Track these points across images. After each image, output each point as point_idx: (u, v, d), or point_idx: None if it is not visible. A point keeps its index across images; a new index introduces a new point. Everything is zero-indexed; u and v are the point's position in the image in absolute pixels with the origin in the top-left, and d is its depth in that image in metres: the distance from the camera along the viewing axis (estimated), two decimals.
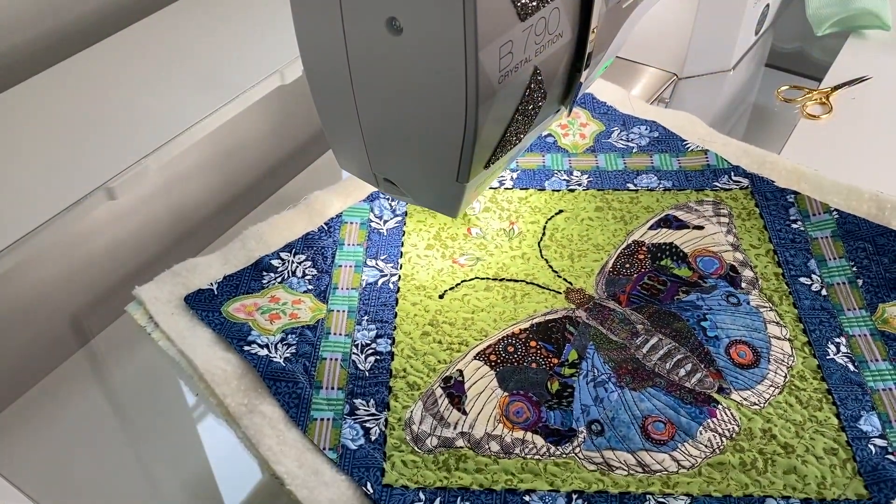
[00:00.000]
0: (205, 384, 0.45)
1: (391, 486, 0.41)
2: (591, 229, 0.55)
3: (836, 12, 0.73)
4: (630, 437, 0.43)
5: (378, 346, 0.48)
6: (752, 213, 0.55)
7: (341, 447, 0.43)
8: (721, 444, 0.43)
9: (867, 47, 0.73)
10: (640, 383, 0.46)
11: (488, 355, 0.47)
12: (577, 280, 0.51)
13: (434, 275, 0.52)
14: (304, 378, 0.46)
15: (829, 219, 0.54)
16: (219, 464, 0.44)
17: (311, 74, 0.42)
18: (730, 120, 0.69)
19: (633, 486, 0.41)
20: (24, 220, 0.48)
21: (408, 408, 0.45)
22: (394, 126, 0.40)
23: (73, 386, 0.47)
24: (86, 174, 0.51)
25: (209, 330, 0.48)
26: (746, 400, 0.45)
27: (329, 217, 0.55)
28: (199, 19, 0.64)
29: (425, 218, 0.55)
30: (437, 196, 0.44)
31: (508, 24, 0.34)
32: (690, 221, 0.55)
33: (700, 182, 0.58)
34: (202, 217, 0.60)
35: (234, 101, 0.57)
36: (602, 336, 0.48)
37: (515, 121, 0.39)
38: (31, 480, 0.42)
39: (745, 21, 0.69)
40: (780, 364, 0.47)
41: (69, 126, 0.54)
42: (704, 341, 0.48)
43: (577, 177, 0.59)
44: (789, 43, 0.77)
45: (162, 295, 0.49)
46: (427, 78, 0.36)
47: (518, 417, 0.44)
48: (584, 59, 0.40)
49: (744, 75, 0.73)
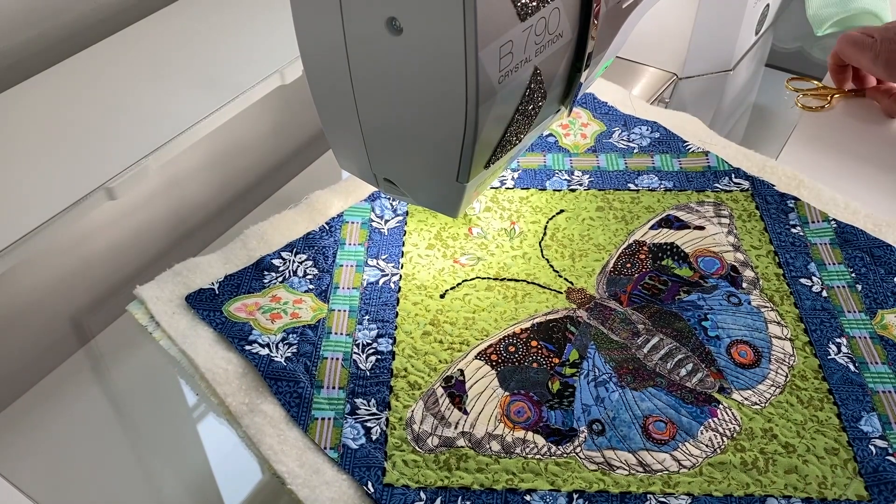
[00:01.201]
0: (206, 383, 0.46)
1: (392, 486, 0.41)
2: (592, 229, 0.55)
3: (836, 12, 0.73)
4: (631, 437, 0.43)
5: (379, 346, 0.48)
6: (753, 215, 0.55)
7: (342, 446, 0.43)
8: (722, 443, 0.43)
9: None
10: (641, 383, 0.46)
11: (489, 355, 0.47)
12: (578, 280, 0.51)
13: (435, 274, 0.52)
14: (305, 377, 0.46)
15: (828, 227, 0.54)
16: (220, 463, 0.44)
17: (311, 74, 0.41)
18: (730, 120, 0.69)
19: (633, 486, 0.41)
20: (24, 220, 0.48)
21: (409, 407, 0.45)
22: (394, 126, 0.40)
23: (73, 386, 0.47)
24: (86, 174, 0.51)
25: (210, 329, 0.48)
26: (747, 400, 0.45)
27: (330, 217, 0.55)
28: (199, 19, 0.64)
29: (426, 218, 0.55)
30: (438, 196, 0.44)
31: (508, 24, 0.34)
32: (691, 222, 0.55)
33: (701, 183, 0.58)
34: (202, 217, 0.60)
35: (234, 101, 0.57)
36: (603, 336, 0.48)
37: (515, 121, 0.39)
38: (31, 480, 0.42)
39: (745, 21, 0.69)
40: (781, 364, 0.47)
41: (69, 126, 0.54)
42: (705, 341, 0.48)
43: (578, 177, 0.59)
44: (789, 43, 0.77)
45: (163, 294, 0.50)
46: (427, 78, 0.36)
47: (519, 417, 0.44)
48: (584, 59, 0.40)
49: (744, 75, 0.73)
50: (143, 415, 0.47)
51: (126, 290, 0.50)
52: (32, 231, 0.47)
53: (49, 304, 0.52)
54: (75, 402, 0.46)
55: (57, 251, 0.53)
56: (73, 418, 0.46)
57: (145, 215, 0.57)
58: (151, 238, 0.57)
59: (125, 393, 0.48)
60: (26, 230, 0.47)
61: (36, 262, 0.51)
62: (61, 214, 0.49)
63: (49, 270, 0.52)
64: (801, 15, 0.76)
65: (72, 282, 0.53)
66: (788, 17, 0.80)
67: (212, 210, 0.61)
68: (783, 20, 0.80)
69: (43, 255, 0.52)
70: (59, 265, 0.53)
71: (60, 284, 0.53)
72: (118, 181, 0.51)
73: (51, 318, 0.52)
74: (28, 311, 0.51)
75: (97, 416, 0.46)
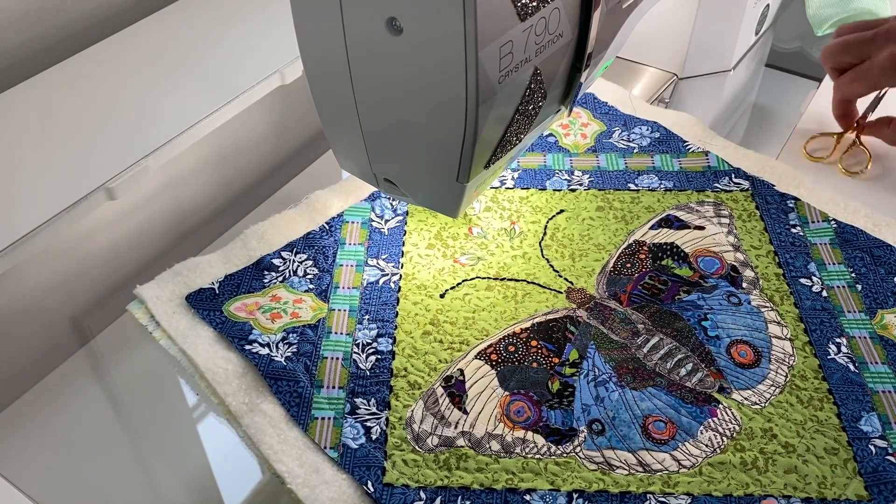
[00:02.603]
0: (206, 383, 0.46)
1: (392, 485, 0.41)
2: (592, 229, 0.55)
3: (836, 12, 0.73)
4: (631, 437, 0.43)
5: (379, 346, 0.48)
6: (753, 215, 0.55)
7: (342, 446, 0.43)
8: (722, 443, 0.43)
9: None
10: (640, 383, 0.46)
11: (489, 355, 0.47)
12: (578, 280, 0.51)
13: (435, 274, 0.52)
14: (305, 377, 0.46)
15: (828, 227, 0.54)
16: (220, 463, 0.44)
17: (311, 74, 0.41)
18: (730, 120, 0.69)
19: (633, 486, 0.41)
20: (24, 220, 0.48)
21: (409, 407, 0.45)
22: (394, 126, 0.40)
23: (73, 386, 0.47)
24: (86, 174, 0.51)
25: (210, 329, 0.48)
26: (747, 399, 0.45)
27: (330, 216, 0.55)
28: (199, 19, 0.64)
29: (426, 217, 0.56)
30: (438, 196, 0.44)
31: (508, 24, 0.34)
32: (691, 222, 0.55)
33: (701, 183, 0.58)
34: (202, 217, 0.60)
35: (234, 101, 0.57)
36: (603, 336, 0.48)
37: (515, 121, 0.39)
38: (31, 480, 0.42)
39: (745, 21, 0.69)
40: (780, 364, 0.47)
41: (69, 126, 0.54)
42: (705, 341, 0.48)
43: (578, 176, 0.59)
44: (789, 43, 0.77)
45: (163, 294, 0.50)
46: (427, 78, 0.36)
47: (519, 417, 0.44)
48: (584, 59, 0.40)
49: (744, 75, 0.73)
50: (144, 414, 0.47)
51: (126, 290, 0.50)
52: (32, 231, 0.47)
53: (49, 304, 0.52)
54: (75, 402, 0.47)
55: (57, 251, 0.53)
56: (73, 418, 0.46)
57: (145, 215, 0.57)
58: (151, 238, 0.57)
59: (125, 393, 0.48)
60: (26, 230, 0.47)
61: (36, 262, 0.51)
62: (61, 214, 0.49)
63: (49, 270, 0.52)
64: (801, 15, 0.76)
65: (72, 282, 0.53)
66: (788, 17, 0.80)
67: (212, 210, 0.61)
68: (783, 20, 0.80)
69: (43, 256, 0.52)
70: (59, 265, 0.53)
71: (60, 284, 0.53)
72: (118, 181, 0.51)
73: (51, 318, 0.52)
74: (28, 311, 0.51)
75: (97, 416, 0.46)
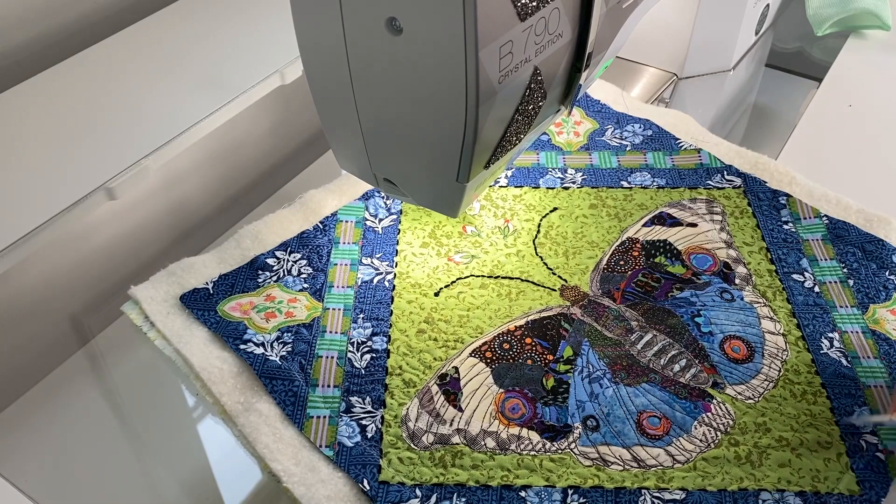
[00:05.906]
0: (201, 383, 0.46)
1: (388, 483, 0.42)
2: (585, 227, 0.55)
3: (836, 12, 0.73)
4: (625, 433, 0.44)
5: (374, 344, 0.48)
6: (745, 212, 0.56)
7: (338, 444, 0.43)
8: (716, 438, 0.43)
9: (867, 47, 0.73)
10: (634, 379, 0.46)
11: (484, 352, 0.48)
12: (571, 277, 0.52)
13: (429, 272, 0.52)
14: (300, 376, 0.46)
15: (820, 223, 0.54)
16: (216, 462, 0.44)
17: (311, 74, 0.42)
18: (730, 120, 0.69)
19: (628, 481, 0.42)
20: (24, 220, 0.48)
21: (404, 405, 0.45)
22: (394, 126, 0.40)
23: (73, 386, 0.47)
24: (86, 174, 0.51)
25: (205, 329, 0.48)
26: (741, 394, 0.45)
27: (324, 216, 0.55)
28: (199, 19, 0.65)
29: (420, 216, 0.56)
30: (438, 196, 0.44)
31: (508, 24, 0.34)
32: (684, 219, 0.55)
33: (693, 180, 0.58)
34: (202, 217, 0.60)
35: (234, 101, 0.57)
36: (597, 333, 0.49)
37: (515, 121, 0.39)
38: (31, 480, 0.42)
39: (745, 21, 0.70)
40: (774, 358, 0.47)
41: (69, 126, 0.54)
42: (699, 337, 0.48)
43: (571, 174, 0.59)
44: (789, 43, 0.77)
45: (158, 294, 0.50)
46: (427, 78, 0.36)
47: (514, 414, 0.45)
48: (584, 59, 0.40)
49: (744, 75, 0.73)
50: (142, 415, 0.47)
51: (125, 291, 0.50)
52: (32, 231, 0.48)
53: (49, 304, 0.52)
54: (75, 402, 0.47)
55: (57, 251, 0.53)
56: (73, 418, 0.46)
57: (145, 215, 0.58)
58: (151, 238, 0.58)
59: (125, 393, 0.48)
60: (26, 230, 0.48)
61: (36, 262, 0.52)
62: (61, 214, 0.49)
63: (49, 270, 0.53)
64: (801, 15, 0.76)
65: (72, 282, 0.54)
66: (788, 17, 0.81)
67: (212, 210, 0.61)
68: (783, 20, 0.80)
69: (43, 256, 0.52)
70: (59, 265, 0.53)
71: (60, 284, 0.53)
72: (118, 181, 0.51)
73: (51, 318, 0.52)
74: (28, 311, 0.51)
75: (97, 417, 0.46)
